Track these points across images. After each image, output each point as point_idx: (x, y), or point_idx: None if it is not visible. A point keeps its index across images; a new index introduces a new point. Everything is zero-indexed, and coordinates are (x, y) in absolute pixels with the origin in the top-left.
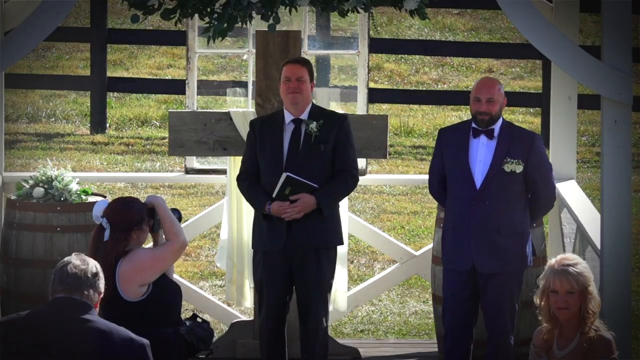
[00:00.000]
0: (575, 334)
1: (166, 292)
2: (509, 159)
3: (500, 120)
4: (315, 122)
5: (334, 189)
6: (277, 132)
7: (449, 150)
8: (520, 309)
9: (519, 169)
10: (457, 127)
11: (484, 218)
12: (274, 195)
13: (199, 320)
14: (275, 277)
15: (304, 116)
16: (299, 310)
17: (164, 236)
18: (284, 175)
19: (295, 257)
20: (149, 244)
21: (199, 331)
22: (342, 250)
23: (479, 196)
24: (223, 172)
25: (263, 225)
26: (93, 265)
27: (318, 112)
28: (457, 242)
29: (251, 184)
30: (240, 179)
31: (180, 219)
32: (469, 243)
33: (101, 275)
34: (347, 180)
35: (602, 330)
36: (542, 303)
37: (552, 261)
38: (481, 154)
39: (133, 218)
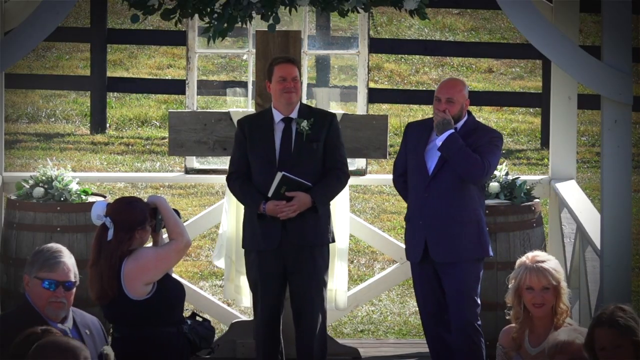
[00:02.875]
0: (549, 330)
1: (170, 290)
2: None
3: (465, 118)
4: (306, 121)
5: (328, 187)
6: (267, 131)
7: (411, 144)
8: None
9: None
10: (423, 122)
11: (438, 207)
12: (270, 195)
13: (198, 319)
14: (270, 277)
15: (294, 115)
16: (294, 308)
17: (164, 236)
18: (279, 174)
19: (289, 255)
20: (148, 245)
21: (200, 330)
22: (342, 249)
23: (430, 185)
24: (223, 172)
25: (256, 224)
26: None
27: (306, 110)
28: (410, 234)
29: (243, 184)
30: (231, 179)
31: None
32: (421, 234)
33: None
34: (339, 178)
35: (575, 325)
36: (515, 302)
37: (522, 259)
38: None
39: (137, 218)
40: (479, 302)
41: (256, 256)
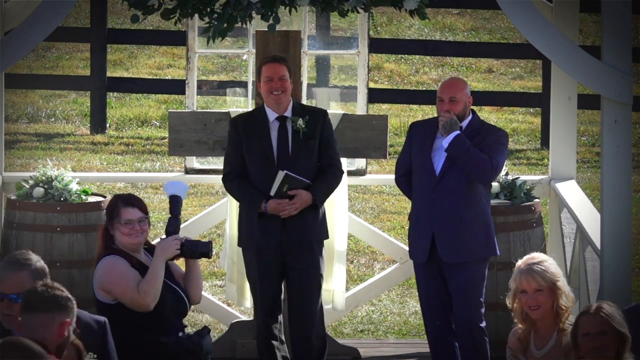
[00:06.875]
0: (552, 331)
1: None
2: None
3: (470, 117)
4: (302, 119)
5: (326, 184)
6: (263, 130)
7: (416, 144)
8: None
9: None
10: (427, 121)
11: (446, 207)
12: (272, 194)
13: (189, 331)
14: (270, 274)
15: (288, 113)
16: (292, 305)
17: (196, 262)
18: (282, 173)
19: (289, 252)
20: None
21: (187, 343)
22: (341, 250)
23: (438, 185)
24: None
25: (255, 223)
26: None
27: (299, 108)
28: (416, 234)
29: (242, 184)
30: (228, 179)
31: (177, 231)
32: (428, 234)
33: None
34: (335, 175)
35: None
36: (515, 305)
37: (519, 262)
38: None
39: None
40: (483, 302)
41: (254, 254)
